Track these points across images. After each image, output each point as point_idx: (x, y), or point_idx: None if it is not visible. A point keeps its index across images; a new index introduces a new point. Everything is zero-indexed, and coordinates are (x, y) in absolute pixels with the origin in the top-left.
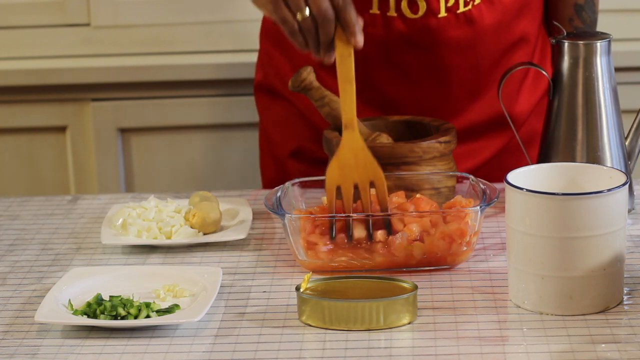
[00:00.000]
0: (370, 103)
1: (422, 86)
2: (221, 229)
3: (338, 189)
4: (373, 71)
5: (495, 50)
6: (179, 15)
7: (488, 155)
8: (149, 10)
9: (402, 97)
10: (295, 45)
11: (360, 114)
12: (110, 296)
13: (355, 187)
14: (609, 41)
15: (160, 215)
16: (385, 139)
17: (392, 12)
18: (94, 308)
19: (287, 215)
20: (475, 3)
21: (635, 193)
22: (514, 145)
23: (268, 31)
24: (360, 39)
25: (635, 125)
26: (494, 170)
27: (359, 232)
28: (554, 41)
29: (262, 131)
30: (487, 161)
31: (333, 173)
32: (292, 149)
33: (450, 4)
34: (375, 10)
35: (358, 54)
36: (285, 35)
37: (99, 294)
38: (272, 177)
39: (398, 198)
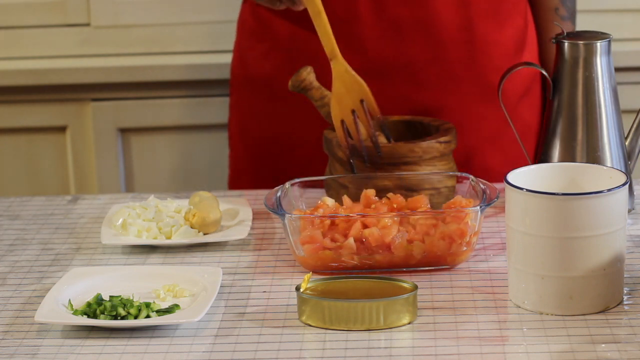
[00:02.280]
0: (360, 70)
1: (414, 44)
2: (221, 229)
3: (344, 122)
4: (364, 30)
5: (487, 10)
6: (179, 15)
7: (484, 134)
8: (149, 10)
9: (393, 59)
10: (272, 6)
11: None
12: (110, 296)
13: (353, 111)
14: (609, 41)
15: (160, 215)
16: (385, 138)
17: None
18: (94, 308)
19: (287, 215)
20: None
21: (635, 193)
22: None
23: (245, 23)
24: None
25: (635, 125)
26: (489, 153)
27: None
28: (554, 41)
29: (241, 123)
30: (484, 140)
31: (335, 110)
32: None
33: None
34: None
35: (349, 12)
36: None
37: (99, 294)
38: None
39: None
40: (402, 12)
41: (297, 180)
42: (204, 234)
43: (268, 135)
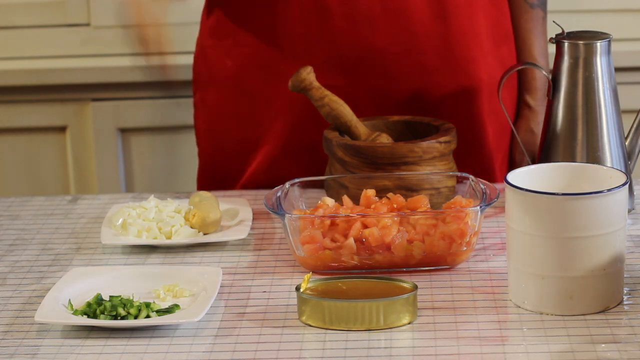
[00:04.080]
0: (331, 64)
1: (385, 37)
2: (221, 229)
3: None
4: (335, 23)
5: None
6: (178, 15)
7: (460, 126)
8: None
9: (365, 52)
10: None
11: (321, 77)
12: (110, 296)
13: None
14: (609, 41)
15: (160, 215)
16: (385, 139)
17: None
18: (94, 308)
19: (287, 215)
20: None
21: (635, 193)
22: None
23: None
24: None
25: (635, 125)
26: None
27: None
28: (554, 41)
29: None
30: (459, 132)
31: None
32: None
33: None
34: None
35: (319, 4)
36: None
37: (99, 294)
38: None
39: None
40: (373, 3)
41: (297, 180)
42: (204, 234)
43: (234, 134)
